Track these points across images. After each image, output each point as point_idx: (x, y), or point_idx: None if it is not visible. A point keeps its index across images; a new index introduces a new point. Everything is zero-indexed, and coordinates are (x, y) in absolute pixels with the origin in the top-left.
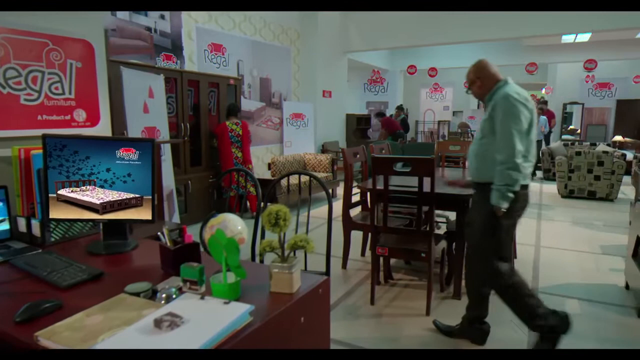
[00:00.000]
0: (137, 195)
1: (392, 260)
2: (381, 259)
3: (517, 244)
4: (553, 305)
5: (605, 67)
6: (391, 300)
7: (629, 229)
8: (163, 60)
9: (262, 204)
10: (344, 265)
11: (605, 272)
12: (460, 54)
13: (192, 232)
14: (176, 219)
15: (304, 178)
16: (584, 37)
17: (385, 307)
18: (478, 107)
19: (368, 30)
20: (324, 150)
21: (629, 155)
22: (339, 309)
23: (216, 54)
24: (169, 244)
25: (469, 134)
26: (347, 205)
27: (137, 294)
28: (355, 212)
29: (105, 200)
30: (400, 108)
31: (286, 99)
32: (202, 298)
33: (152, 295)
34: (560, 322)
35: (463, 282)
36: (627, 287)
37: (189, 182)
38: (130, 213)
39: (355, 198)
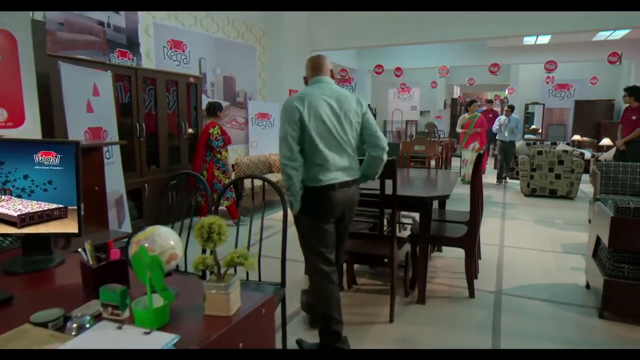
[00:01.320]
0: (60, 206)
1: (357, 265)
2: (344, 264)
3: (481, 244)
4: (518, 307)
5: (564, 69)
6: (354, 307)
7: (589, 228)
8: (118, 57)
9: (212, 208)
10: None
11: (567, 272)
12: (427, 55)
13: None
14: (127, 226)
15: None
16: (544, 40)
17: (348, 315)
18: (445, 107)
19: (335, 29)
20: None
21: (587, 154)
22: (299, 318)
23: (176, 51)
24: (90, 261)
25: (436, 134)
26: None
27: (45, 324)
28: None
29: (23, 212)
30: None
31: (251, 98)
32: (119, 327)
33: (64, 324)
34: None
35: (428, 286)
36: (587, 286)
37: (145, 185)
38: (53, 226)
39: None
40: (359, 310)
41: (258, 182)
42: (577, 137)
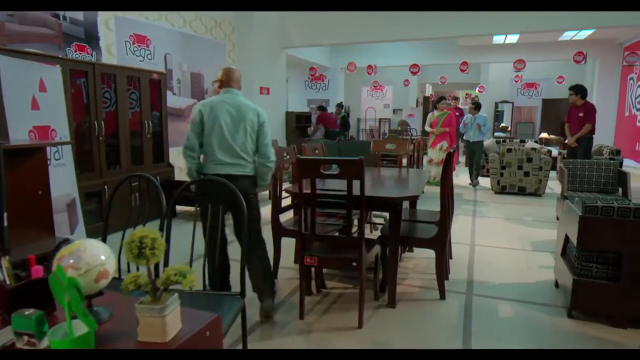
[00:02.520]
0: None
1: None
2: (312, 269)
3: (452, 244)
4: (488, 308)
5: (532, 68)
6: (323, 312)
7: (558, 226)
8: (75, 51)
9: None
10: (275, 275)
11: (537, 270)
12: (399, 53)
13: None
14: (81, 231)
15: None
16: (513, 39)
17: (316, 321)
18: (417, 105)
19: (307, 25)
20: None
21: (554, 152)
22: (265, 326)
23: (139, 46)
24: (7, 280)
25: (409, 132)
26: (276, 210)
27: None
28: (289, 215)
29: None
30: (340, 106)
31: None
32: None
33: None
34: None
35: (399, 288)
36: (556, 285)
37: (105, 187)
38: None
39: (291, 201)
40: (327, 316)
41: None
42: (544, 135)
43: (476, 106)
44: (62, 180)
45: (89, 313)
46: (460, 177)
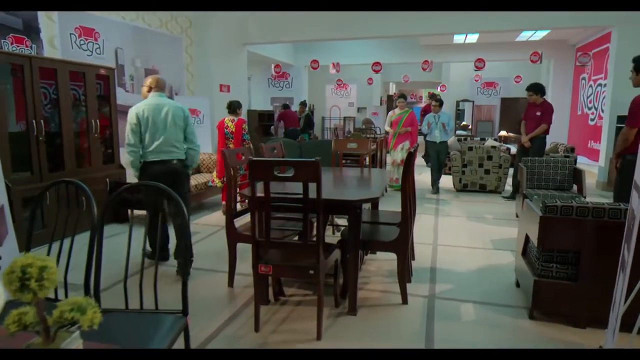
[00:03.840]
0: None
1: None
2: (269, 277)
3: (415, 244)
4: (451, 312)
5: (491, 67)
6: (280, 323)
7: (518, 225)
8: (12, 44)
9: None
10: (230, 283)
11: (498, 270)
12: (362, 51)
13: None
14: (12, 242)
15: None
16: (473, 39)
17: (272, 333)
18: (381, 104)
19: (268, 22)
20: None
21: (513, 149)
22: (218, 341)
23: (87, 39)
24: None
25: (373, 130)
26: (231, 214)
27: None
28: (246, 219)
29: None
30: (303, 104)
31: (178, 93)
32: None
33: None
34: None
35: (360, 293)
36: (517, 284)
37: (47, 191)
38: None
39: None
40: (284, 327)
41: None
42: (503, 133)
43: (440, 103)
44: None
45: None
46: (423, 175)
